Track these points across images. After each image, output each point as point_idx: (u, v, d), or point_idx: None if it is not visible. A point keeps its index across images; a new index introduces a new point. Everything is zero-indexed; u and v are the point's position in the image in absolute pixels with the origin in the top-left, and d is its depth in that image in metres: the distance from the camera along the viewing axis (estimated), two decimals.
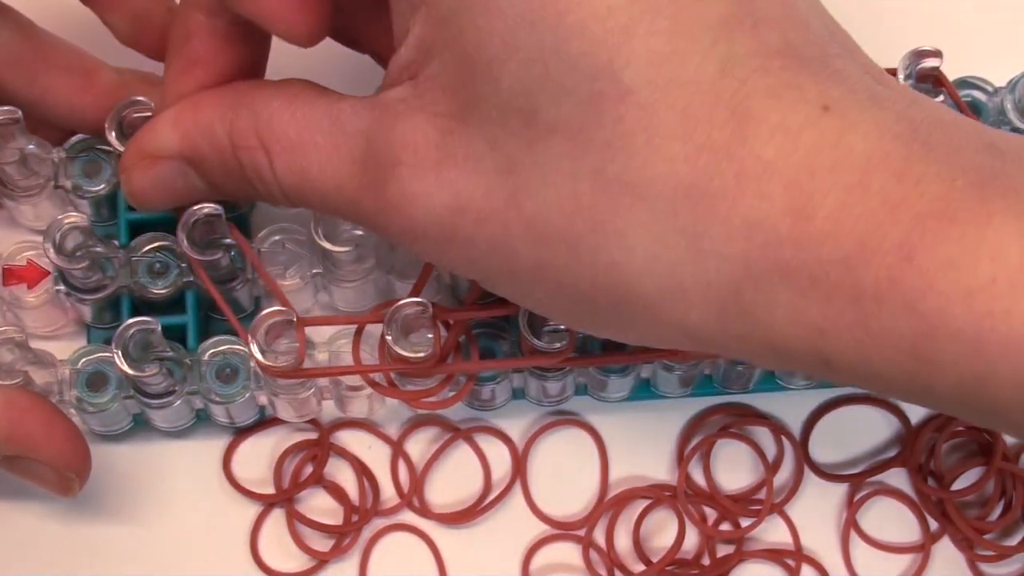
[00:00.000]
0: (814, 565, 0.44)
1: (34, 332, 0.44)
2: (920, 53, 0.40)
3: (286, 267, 0.42)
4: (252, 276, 0.42)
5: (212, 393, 0.41)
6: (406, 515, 0.44)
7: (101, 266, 0.41)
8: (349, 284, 0.42)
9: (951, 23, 0.48)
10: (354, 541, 0.44)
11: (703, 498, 0.44)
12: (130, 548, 0.44)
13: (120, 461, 0.44)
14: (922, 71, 0.41)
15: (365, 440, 0.45)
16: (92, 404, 0.41)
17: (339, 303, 0.44)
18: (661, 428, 0.45)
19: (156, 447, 0.44)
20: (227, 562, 0.44)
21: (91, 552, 0.44)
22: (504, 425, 0.45)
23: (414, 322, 0.39)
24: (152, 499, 0.44)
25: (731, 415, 0.45)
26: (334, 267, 0.42)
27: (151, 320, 0.39)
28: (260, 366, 0.38)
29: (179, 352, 0.41)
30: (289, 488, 0.44)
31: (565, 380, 0.42)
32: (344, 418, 0.44)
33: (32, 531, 0.44)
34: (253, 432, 0.44)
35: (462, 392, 0.41)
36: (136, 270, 0.42)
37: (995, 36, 0.48)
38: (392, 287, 0.43)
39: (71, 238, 0.40)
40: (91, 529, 0.44)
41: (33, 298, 0.42)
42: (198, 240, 0.40)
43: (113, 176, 0.43)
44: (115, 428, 0.43)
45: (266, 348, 0.38)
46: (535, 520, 0.44)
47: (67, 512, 0.44)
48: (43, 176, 0.43)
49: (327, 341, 0.42)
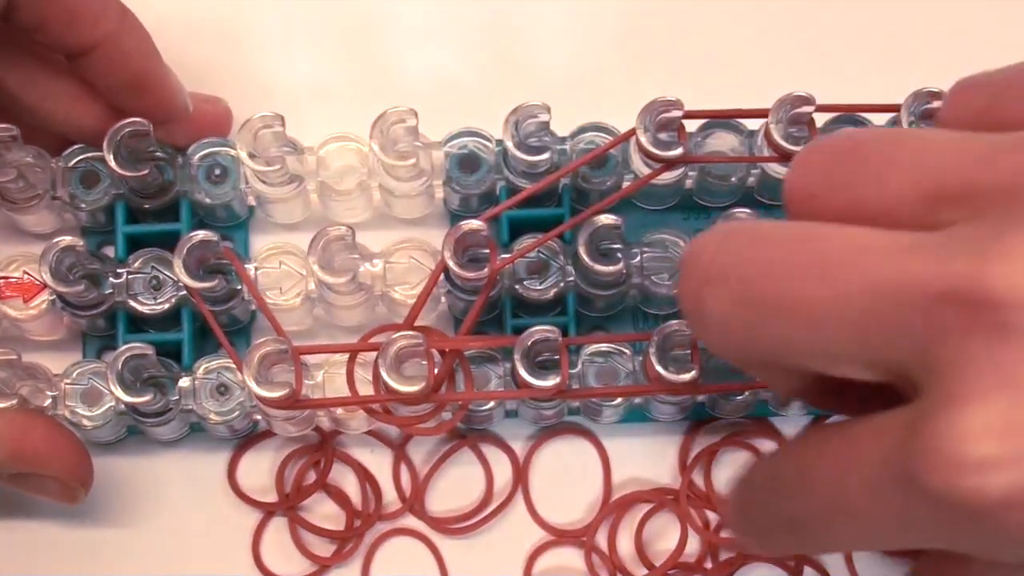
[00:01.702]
0: (816, 568, 0.44)
1: (29, 339, 0.44)
2: (925, 94, 0.40)
3: (283, 286, 0.42)
4: (249, 296, 0.42)
5: (208, 412, 0.41)
6: (408, 520, 0.45)
7: (97, 281, 0.41)
8: (346, 304, 0.42)
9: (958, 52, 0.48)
10: (356, 546, 0.44)
11: (705, 502, 0.45)
12: (134, 555, 0.44)
13: (125, 470, 0.44)
14: (926, 111, 0.40)
15: (367, 444, 0.45)
16: (87, 418, 0.41)
17: (336, 321, 0.44)
18: (663, 437, 0.45)
19: (159, 456, 0.44)
20: (229, 567, 0.44)
21: (95, 559, 0.44)
22: (506, 432, 0.45)
23: (407, 353, 0.39)
24: (155, 506, 0.44)
25: (734, 424, 0.45)
26: (330, 290, 0.42)
27: (144, 346, 0.40)
28: (257, 398, 0.38)
29: (173, 372, 0.41)
30: (292, 496, 0.44)
31: (559, 407, 0.43)
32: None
33: (36, 538, 0.44)
34: (256, 442, 0.45)
35: (456, 418, 0.41)
36: (132, 286, 0.42)
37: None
38: (392, 303, 0.43)
39: (66, 260, 0.40)
40: (96, 536, 0.44)
41: (30, 311, 0.42)
42: (194, 266, 0.39)
43: (111, 187, 0.43)
44: (111, 438, 0.43)
45: (261, 378, 0.38)
46: (536, 527, 0.45)
47: (71, 519, 0.44)
48: (41, 187, 0.42)
49: (322, 361, 0.42)
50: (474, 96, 0.47)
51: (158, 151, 0.42)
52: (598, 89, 0.47)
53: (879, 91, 0.41)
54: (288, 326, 0.41)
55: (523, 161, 0.42)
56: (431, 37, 0.48)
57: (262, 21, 0.48)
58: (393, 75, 0.47)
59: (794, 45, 0.48)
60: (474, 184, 0.43)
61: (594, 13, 0.48)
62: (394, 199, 0.44)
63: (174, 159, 0.43)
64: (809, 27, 0.48)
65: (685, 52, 0.48)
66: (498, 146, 0.43)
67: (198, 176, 0.43)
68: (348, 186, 0.43)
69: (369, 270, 0.42)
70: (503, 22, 0.48)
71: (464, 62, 0.48)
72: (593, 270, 0.40)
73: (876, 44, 0.48)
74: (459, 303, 0.43)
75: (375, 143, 0.41)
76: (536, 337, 0.39)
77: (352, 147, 0.43)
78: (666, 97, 0.40)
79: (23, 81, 0.42)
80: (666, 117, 0.40)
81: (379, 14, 0.48)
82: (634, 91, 0.41)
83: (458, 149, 0.43)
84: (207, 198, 0.43)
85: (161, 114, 0.42)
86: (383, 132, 0.41)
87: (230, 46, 0.48)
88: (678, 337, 0.40)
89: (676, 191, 0.44)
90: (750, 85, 0.47)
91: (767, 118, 0.40)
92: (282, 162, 0.41)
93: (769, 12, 0.48)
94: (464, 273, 0.40)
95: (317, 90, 0.47)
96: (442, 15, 0.48)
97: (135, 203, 0.43)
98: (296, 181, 0.42)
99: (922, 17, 0.48)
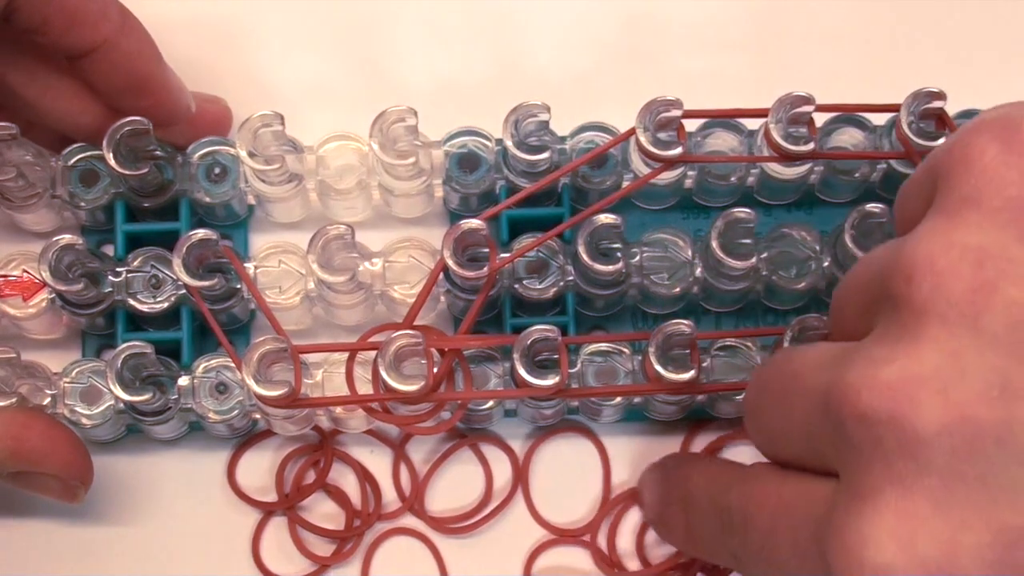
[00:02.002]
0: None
1: (28, 337, 0.44)
2: (925, 95, 0.40)
3: (282, 285, 0.42)
4: (248, 295, 0.42)
5: (207, 411, 0.41)
6: (408, 519, 0.45)
7: (96, 280, 0.41)
8: (345, 304, 0.42)
9: (959, 53, 0.48)
10: (356, 546, 0.44)
11: None
12: (134, 554, 0.44)
13: (124, 469, 0.44)
14: (926, 111, 0.40)
15: (367, 444, 0.45)
16: (86, 417, 0.41)
17: (335, 320, 0.44)
18: (663, 437, 0.45)
19: (159, 455, 0.44)
20: (229, 566, 0.44)
21: (95, 558, 0.44)
22: (506, 431, 0.45)
23: (407, 353, 0.39)
24: (155, 505, 0.44)
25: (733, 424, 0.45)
26: (330, 289, 0.42)
27: (143, 344, 0.40)
28: (256, 397, 0.38)
29: (172, 370, 0.41)
30: (292, 495, 0.44)
31: (558, 407, 0.43)
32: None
33: (35, 538, 0.44)
34: (256, 441, 0.45)
35: (455, 417, 0.41)
36: (131, 284, 0.42)
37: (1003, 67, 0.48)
38: (391, 302, 0.43)
39: (66, 258, 0.40)
40: (95, 535, 0.44)
41: (29, 310, 0.42)
42: (193, 265, 0.39)
43: (110, 186, 0.43)
44: (110, 437, 0.43)
45: (260, 377, 0.38)
46: (536, 526, 0.45)
47: (71, 518, 0.44)
48: (40, 186, 0.42)
49: (321, 359, 0.42)
50: (474, 95, 0.47)
51: (158, 150, 0.42)
52: (598, 88, 0.47)
53: (879, 91, 0.41)
54: (287, 325, 0.41)
55: (523, 160, 0.42)
56: (431, 36, 0.48)
57: (262, 21, 0.48)
58: (393, 74, 0.47)
59: (794, 44, 0.48)
60: (474, 183, 0.43)
61: (594, 12, 0.48)
62: (394, 198, 0.44)
63: (174, 158, 0.43)
64: (809, 26, 0.48)
65: (685, 51, 0.48)
66: (498, 145, 0.43)
67: (198, 175, 0.43)
68: (348, 185, 0.43)
69: (368, 269, 0.42)
70: (503, 21, 0.48)
71: (464, 61, 0.48)
72: (593, 269, 0.40)
73: (876, 43, 0.48)
74: (458, 302, 0.43)
75: (375, 142, 0.41)
76: (535, 336, 0.39)
77: (352, 146, 0.43)
78: (666, 96, 0.40)
79: (24, 78, 0.42)
80: (666, 116, 0.40)
81: (379, 13, 0.48)
82: (634, 91, 0.41)
83: (458, 148, 0.43)
84: (207, 197, 0.43)
85: (163, 116, 0.42)
86: (383, 131, 0.41)
87: (230, 46, 0.48)
88: (677, 337, 0.39)
89: (675, 191, 0.44)
90: (750, 85, 0.47)
91: (767, 118, 0.40)
92: (282, 161, 0.41)
93: (769, 12, 0.48)
94: (463, 272, 0.40)
95: (317, 89, 0.47)
96: (442, 14, 0.48)
97: (135, 202, 0.43)
98: (295, 180, 0.43)
99: (922, 17, 0.48)
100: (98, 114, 0.42)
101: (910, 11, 0.48)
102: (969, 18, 0.48)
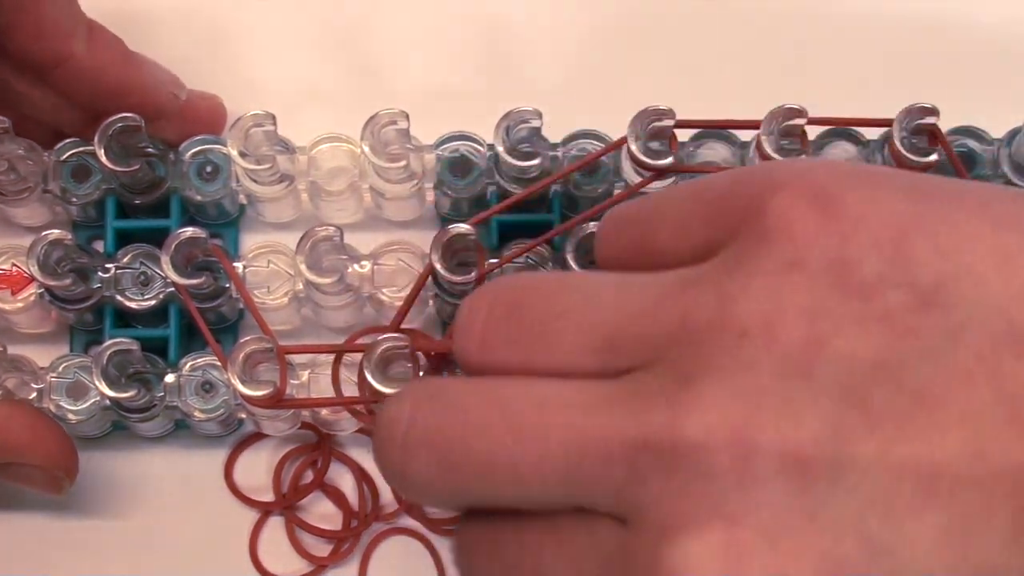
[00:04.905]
0: None
1: (16, 331, 0.44)
2: (918, 110, 0.40)
3: (271, 285, 0.42)
4: (237, 294, 0.42)
5: (192, 409, 0.41)
6: (406, 520, 0.44)
7: (85, 276, 0.41)
8: (333, 305, 0.42)
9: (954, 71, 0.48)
10: (353, 546, 0.44)
11: None
12: (131, 553, 0.44)
13: (123, 468, 0.44)
14: (919, 127, 0.40)
15: (365, 444, 0.45)
16: (72, 412, 0.41)
17: (323, 321, 0.44)
18: None
19: (157, 453, 0.44)
20: (226, 566, 0.44)
21: (94, 557, 0.44)
22: None
23: (393, 355, 0.39)
24: (151, 504, 0.44)
25: None
26: (318, 290, 0.42)
27: (129, 341, 0.40)
28: (241, 396, 0.38)
29: (158, 368, 0.41)
30: (289, 495, 0.44)
31: None
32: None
33: (29, 537, 0.44)
34: (253, 441, 0.45)
35: None
36: (120, 281, 0.42)
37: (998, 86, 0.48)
38: (379, 305, 0.43)
39: (54, 254, 0.40)
40: (92, 534, 0.44)
41: (17, 304, 0.42)
42: (181, 263, 0.40)
43: (102, 181, 0.43)
44: (96, 433, 0.43)
45: (246, 377, 0.38)
46: None
47: (64, 517, 0.44)
48: (32, 180, 0.42)
49: (307, 361, 0.42)
50: (466, 100, 0.47)
51: (150, 147, 0.42)
52: (591, 96, 0.47)
53: (872, 105, 0.41)
54: (275, 325, 0.41)
55: (514, 166, 0.42)
56: (424, 39, 0.48)
57: (254, 20, 0.48)
58: (385, 77, 0.47)
59: (788, 57, 0.48)
60: (464, 188, 0.43)
61: (588, 19, 0.48)
62: (385, 201, 0.44)
63: (166, 155, 0.43)
64: (803, 39, 0.48)
65: (678, 61, 0.48)
66: (489, 150, 0.43)
67: (189, 173, 0.43)
68: (339, 187, 0.43)
69: (357, 271, 0.42)
70: (497, 26, 0.48)
71: (457, 65, 0.48)
72: None
73: (870, 57, 0.48)
74: (447, 307, 0.43)
75: (366, 144, 0.41)
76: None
77: (344, 148, 0.43)
78: (658, 106, 0.40)
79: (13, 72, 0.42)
80: (658, 126, 0.40)
81: (372, 15, 0.48)
82: (627, 98, 0.41)
83: (449, 152, 0.43)
84: (198, 195, 0.43)
85: (147, 112, 0.42)
86: (374, 134, 0.41)
87: (222, 45, 0.48)
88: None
89: None
90: (743, 96, 0.47)
91: (759, 130, 0.40)
92: (273, 161, 0.42)
93: (763, 23, 0.48)
94: (451, 277, 0.40)
95: (309, 90, 0.47)
96: (435, 17, 0.48)
97: (126, 198, 0.43)
98: (287, 180, 0.43)
99: (916, 31, 0.48)
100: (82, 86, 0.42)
101: (904, 24, 0.48)
102: (963, 33, 0.48)
